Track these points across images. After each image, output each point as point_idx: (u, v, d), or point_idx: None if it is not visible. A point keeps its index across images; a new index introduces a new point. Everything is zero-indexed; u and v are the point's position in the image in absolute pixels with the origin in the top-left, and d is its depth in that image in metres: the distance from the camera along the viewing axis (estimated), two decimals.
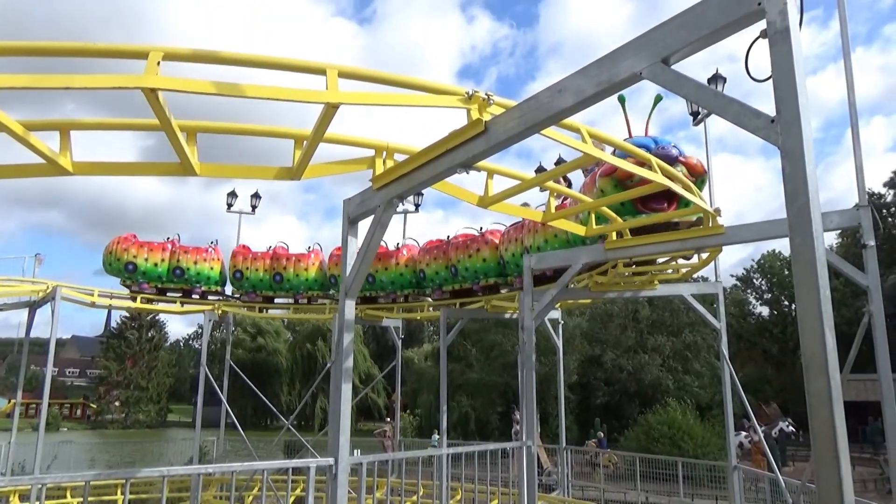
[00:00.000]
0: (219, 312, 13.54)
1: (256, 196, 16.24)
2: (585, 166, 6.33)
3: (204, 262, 13.27)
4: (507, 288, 11.14)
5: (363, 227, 5.10)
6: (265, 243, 17.12)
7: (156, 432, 46.76)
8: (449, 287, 11.82)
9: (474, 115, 3.77)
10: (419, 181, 4.32)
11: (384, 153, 4.75)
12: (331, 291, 13.47)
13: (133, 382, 55.05)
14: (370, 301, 13.01)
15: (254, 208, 16.17)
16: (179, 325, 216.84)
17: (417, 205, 15.42)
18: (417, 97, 3.83)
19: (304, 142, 4.37)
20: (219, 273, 13.51)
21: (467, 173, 4.16)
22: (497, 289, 11.28)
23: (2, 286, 12.78)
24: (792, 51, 2.24)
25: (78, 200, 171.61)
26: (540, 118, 3.39)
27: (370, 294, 12.84)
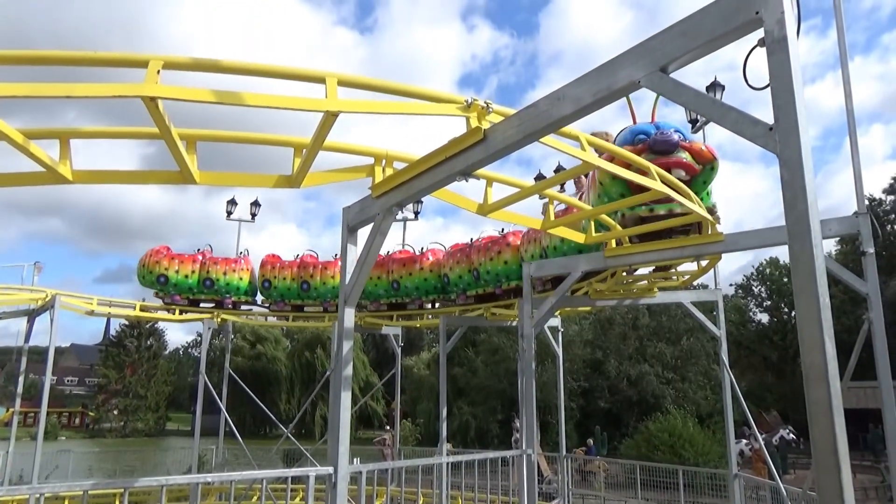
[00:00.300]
0: (217, 320, 13.53)
1: (256, 204, 16.21)
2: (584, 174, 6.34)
3: (233, 273, 13.32)
4: None
5: (363, 235, 5.11)
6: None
7: (154, 441, 46.50)
8: (472, 291, 11.62)
9: (473, 124, 3.78)
10: (418, 189, 4.33)
11: (383, 161, 4.76)
12: None
13: (132, 391, 54.78)
14: (398, 307, 12.95)
15: (253, 216, 16.13)
16: (179, 333, 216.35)
17: (417, 213, 15.39)
18: (417, 105, 3.83)
19: (304, 150, 4.37)
20: (248, 283, 13.52)
21: (466, 181, 4.17)
22: (520, 292, 11.17)
23: (1, 294, 12.76)
24: (790, 59, 2.25)
25: (78, 208, 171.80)
26: (539, 126, 3.40)
27: (396, 300, 12.77)
